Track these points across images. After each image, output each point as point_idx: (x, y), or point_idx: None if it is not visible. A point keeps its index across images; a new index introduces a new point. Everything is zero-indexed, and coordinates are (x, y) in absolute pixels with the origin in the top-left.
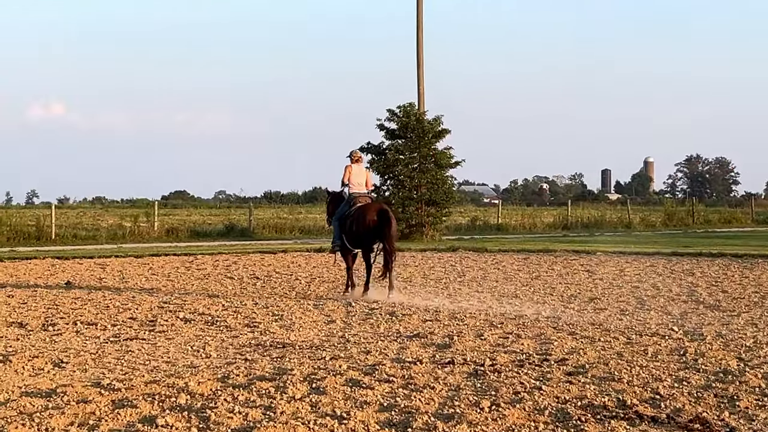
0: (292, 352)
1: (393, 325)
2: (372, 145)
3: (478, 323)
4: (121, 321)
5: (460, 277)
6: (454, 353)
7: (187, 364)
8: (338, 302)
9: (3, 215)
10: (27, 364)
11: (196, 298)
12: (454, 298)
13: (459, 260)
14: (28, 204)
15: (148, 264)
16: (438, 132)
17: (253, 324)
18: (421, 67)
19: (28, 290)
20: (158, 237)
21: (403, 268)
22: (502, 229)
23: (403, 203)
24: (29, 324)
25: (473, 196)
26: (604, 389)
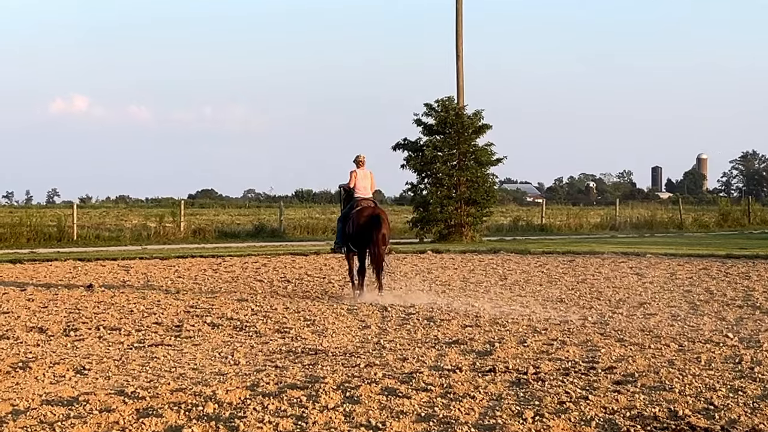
0: (324, 359)
1: (431, 330)
2: (409, 142)
3: (520, 329)
4: (145, 326)
5: (501, 280)
6: (496, 361)
7: (215, 372)
8: (373, 306)
9: (23, 215)
10: (48, 371)
11: (224, 302)
12: (495, 302)
13: (500, 263)
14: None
15: (173, 266)
16: (478, 127)
17: (284, 329)
18: (460, 59)
19: (48, 293)
20: (184, 238)
21: (441, 271)
22: (546, 230)
23: (441, 203)
24: (50, 329)
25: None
26: (654, 399)
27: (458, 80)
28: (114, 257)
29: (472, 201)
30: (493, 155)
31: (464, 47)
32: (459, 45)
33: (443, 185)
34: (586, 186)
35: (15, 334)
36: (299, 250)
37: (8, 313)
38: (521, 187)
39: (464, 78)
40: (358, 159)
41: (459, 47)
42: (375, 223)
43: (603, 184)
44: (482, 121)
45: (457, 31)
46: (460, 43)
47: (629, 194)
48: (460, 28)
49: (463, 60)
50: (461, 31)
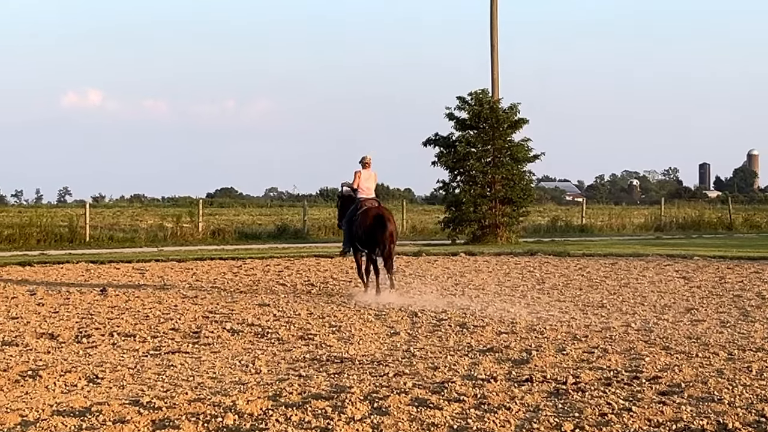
0: (351, 367)
1: (464, 337)
2: (440, 137)
3: (559, 336)
4: (161, 332)
5: (539, 284)
6: (533, 370)
7: (235, 381)
8: (403, 312)
9: (32, 215)
10: (59, 380)
11: (244, 307)
12: (532, 307)
13: (538, 265)
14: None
15: (191, 269)
16: (514, 122)
17: (308, 336)
18: (495, 50)
19: (59, 298)
20: (203, 239)
21: (475, 274)
22: (586, 231)
23: (474, 202)
24: (61, 335)
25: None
26: (702, 411)
27: (493, 72)
28: (128, 259)
29: (508, 200)
30: (530, 151)
31: (499, 38)
32: (494, 34)
33: (477, 183)
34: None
35: (24, 341)
36: (324, 252)
37: (17, 318)
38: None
39: (499, 69)
40: (365, 160)
41: (494, 37)
42: (381, 222)
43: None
44: (518, 115)
45: (492, 19)
46: (495, 32)
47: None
48: (495, 17)
49: (498, 50)
50: (496, 19)
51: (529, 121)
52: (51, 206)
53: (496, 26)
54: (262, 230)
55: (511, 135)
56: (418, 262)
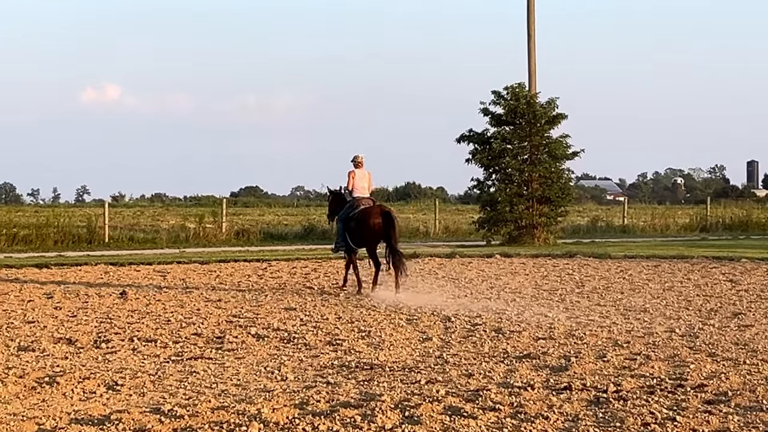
0: (381, 374)
1: (499, 343)
2: (474, 133)
3: (599, 342)
4: (183, 337)
5: (578, 287)
6: (572, 377)
7: (260, 388)
8: (436, 317)
9: (49, 215)
10: (77, 387)
11: (270, 311)
12: (571, 312)
13: (577, 268)
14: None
15: (214, 271)
16: (552, 117)
17: (336, 341)
18: (532, 41)
19: (77, 301)
20: (226, 240)
21: (511, 276)
22: (628, 232)
23: (510, 201)
24: (79, 340)
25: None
26: (750, 421)
27: (530, 64)
28: (149, 261)
29: (546, 199)
30: (568, 148)
31: (536, 28)
32: (531, 25)
33: (513, 182)
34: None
35: (41, 346)
36: None
37: (34, 322)
38: (600, 184)
39: (536, 62)
40: (357, 160)
41: (531, 27)
42: (389, 221)
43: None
44: (557, 111)
45: (529, 9)
46: (532, 23)
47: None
48: (532, 7)
49: (536, 42)
50: (533, 9)
51: (567, 116)
52: (69, 206)
53: (534, 16)
54: (289, 231)
55: (549, 131)
56: (451, 264)
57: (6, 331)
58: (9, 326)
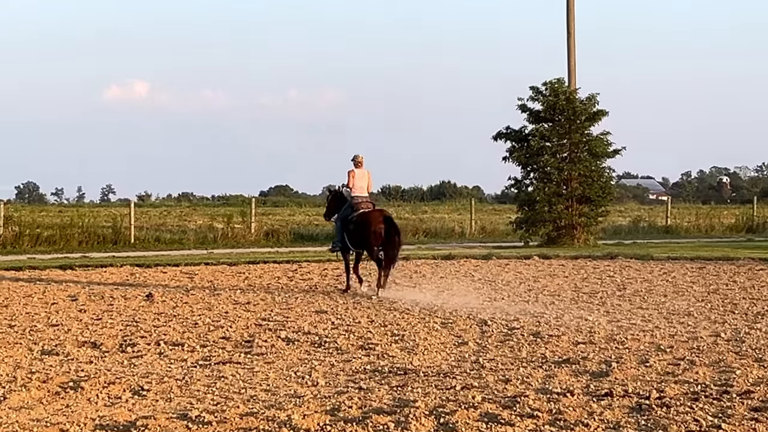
0: (415, 379)
1: (537, 348)
2: (512, 130)
3: (641, 347)
4: (211, 341)
5: (619, 290)
6: (613, 383)
7: (290, 394)
8: (471, 320)
9: (74, 215)
10: (102, 392)
11: (300, 314)
12: (612, 315)
13: (618, 270)
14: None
15: (243, 273)
16: (592, 114)
17: (369, 346)
18: (572, 36)
19: (102, 304)
20: (255, 241)
21: (550, 279)
22: (671, 232)
23: (549, 201)
24: (104, 344)
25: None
26: None
27: (569, 59)
28: (176, 263)
29: (586, 199)
30: (609, 146)
31: (576, 23)
32: (570, 19)
33: (552, 180)
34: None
35: (65, 350)
36: None
37: (58, 326)
38: (642, 183)
39: (576, 57)
40: (357, 159)
41: (570, 22)
42: (392, 226)
43: (738, 179)
44: (597, 107)
45: (569, 2)
46: (572, 16)
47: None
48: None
49: (575, 36)
50: (573, 2)
51: (608, 112)
52: (93, 205)
53: (574, 12)
54: (320, 231)
55: (589, 128)
56: (487, 266)
57: (29, 334)
58: (32, 329)
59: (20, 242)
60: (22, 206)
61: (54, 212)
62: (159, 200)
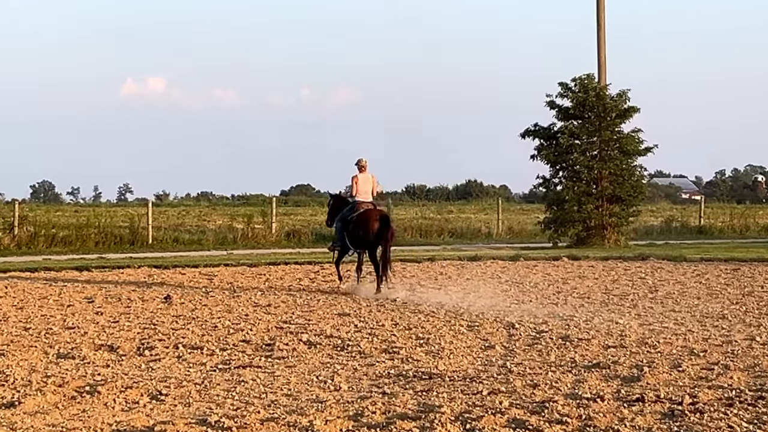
0: (440, 384)
1: (567, 352)
2: (540, 128)
3: (674, 351)
4: (231, 344)
5: (651, 292)
6: (644, 388)
7: (312, 399)
8: (499, 323)
9: (90, 215)
10: (119, 397)
11: (322, 316)
12: (643, 318)
13: (650, 271)
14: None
15: (264, 274)
16: (623, 110)
17: (393, 349)
18: (602, 30)
19: (119, 306)
20: (276, 241)
21: (579, 280)
22: (704, 233)
23: (579, 200)
24: (121, 347)
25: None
26: None
27: (599, 54)
28: (195, 264)
29: (616, 198)
30: (641, 143)
31: (606, 16)
32: (600, 11)
33: (581, 179)
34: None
35: (81, 353)
36: (410, 255)
37: (74, 328)
38: (675, 182)
39: (606, 51)
40: (360, 163)
41: (600, 14)
42: (385, 224)
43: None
44: (628, 103)
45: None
46: (602, 8)
47: None
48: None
49: (606, 30)
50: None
51: (640, 109)
52: (110, 205)
53: (603, 4)
54: None
55: (620, 125)
56: (515, 268)
57: (45, 337)
58: (48, 332)
59: (35, 243)
60: (38, 206)
61: (70, 212)
62: (177, 200)
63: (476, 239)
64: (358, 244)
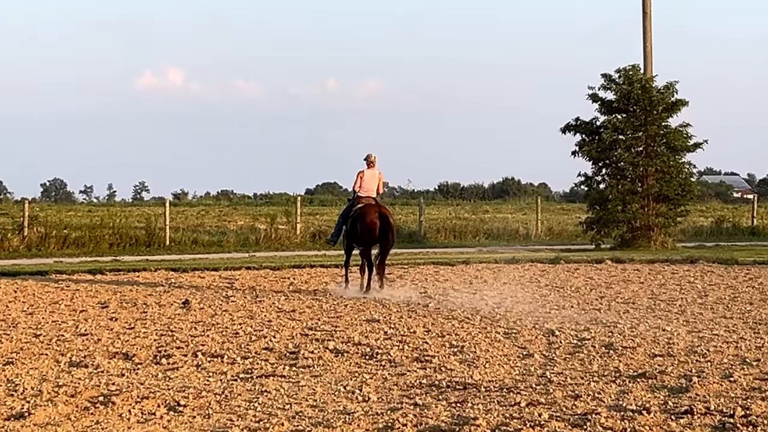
0: (475, 395)
1: (610, 360)
2: (582, 122)
3: (725, 360)
4: (253, 352)
5: (700, 297)
6: (693, 400)
7: (339, 410)
8: (537, 330)
9: (104, 215)
10: (134, 407)
11: (350, 323)
12: (692, 325)
13: (699, 275)
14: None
15: (288, 278)
16: (671, 104)
17: (425, 358)
18: (648, 18)
19: (135, 311)
20: (301, 243)
21: (624, 285)
22: (758, 234)
23: (623, 199)
24: (137, 355)
25: (719, 189)
26: None
27: (645, 44)
28: (215, 267)
29: (663, 197)
30: (689, 139)
31: (652, 2)
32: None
33: (626, 177)
34: None
35: (95, 362)
36: (443, 258)
37: (87, 335)
38: (726, 180)
39: (653, 41)
40: (369, 159)
41: (646, 1)
42: (385, 221)
43: None
44: (676, 96)
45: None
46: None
47: None
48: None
49: (652, 18)
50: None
51: (688, 102)
52: (125, 205)
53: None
54: None
55: (667, 119)
56: (555, 271)
57: (56, 344)
58: (60, 339)
59: (46, 244)
60: (49, 205)
61: (83, 212)
62: (196, 199)
63: (513, 241)
64: (355, 240)
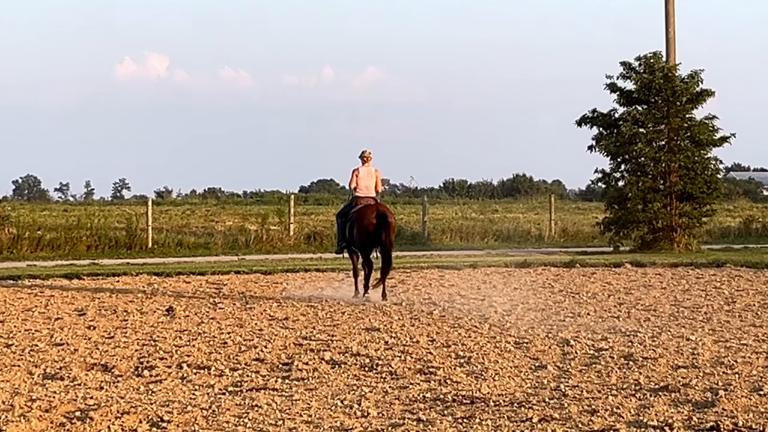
0: (483, 410)
1: (630, 372)
2: (599, 114)
3: (754, 372)
4: (243, 364)
5: (727, 304)
6: (720, 415)
7: (336, 426)
8: (551, 340)
9: (81, 215)
10: (114, 423)
11: (347, 331)
12: (719, 334)
13: (726, 279)
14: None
15: (280, 283)
16: (696, 94)
17: (429, 369)
18: (671, 2)
19: (115, 319)
20: (295, 245)
21: (644, 290)
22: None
23: (644, 197)
24: (117, 367)
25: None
26: None
27: (668, 30)
28: (201, 271)
29: (687, 195)
30: (715, 132)
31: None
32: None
33: (647, 174)
34: None
35: (71, 374)
36: (449, 261)
37: (62, 345)
38: (756, 176)
39: (676, 26)
40: (364, 155)
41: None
42: (383, 222)
43: None
44: (701, 86)
45: None
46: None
47: None
48: None
49: (675, 1)
50: None
51: (714, 93)
52: (104, 204)
53: None
54: None
55: (692, 111)
56: (570, 275)
57: (29, 355)
58: (33, 349)
59: (18, 246)
60: (21, 204)
61: (58, 211)
62: (181, 197)
63: (525, 243)
64: (354, 245)
